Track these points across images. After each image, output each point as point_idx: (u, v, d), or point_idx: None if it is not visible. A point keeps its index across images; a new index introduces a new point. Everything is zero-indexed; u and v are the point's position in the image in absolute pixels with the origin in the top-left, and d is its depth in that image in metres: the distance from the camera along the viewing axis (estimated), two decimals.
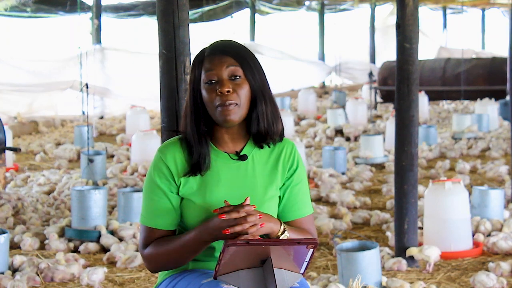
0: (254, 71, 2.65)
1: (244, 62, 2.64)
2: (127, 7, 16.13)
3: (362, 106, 14.02)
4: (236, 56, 2.63)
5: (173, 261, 2.66)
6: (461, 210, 5.80)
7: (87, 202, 6.24)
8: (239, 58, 2.63)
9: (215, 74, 2.61)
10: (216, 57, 2.63)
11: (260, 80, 2.66)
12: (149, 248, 2.68)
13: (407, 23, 5.34)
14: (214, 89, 2.61)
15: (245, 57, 2.64)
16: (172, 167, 2.67)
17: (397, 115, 5.47)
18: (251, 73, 2.64)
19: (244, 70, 2.63)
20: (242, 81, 2.62)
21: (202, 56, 2.67)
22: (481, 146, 10.94)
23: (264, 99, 2.65)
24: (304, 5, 21.48)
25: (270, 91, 2.69)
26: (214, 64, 2.62)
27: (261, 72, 2.68)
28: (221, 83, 2.60)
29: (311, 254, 2.49)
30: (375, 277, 4.86)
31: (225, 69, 2.61)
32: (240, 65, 2.63)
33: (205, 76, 2.63)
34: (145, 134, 9.69)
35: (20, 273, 5.22)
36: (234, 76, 2.62)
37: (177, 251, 2.63)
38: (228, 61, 2.62)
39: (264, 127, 2.66)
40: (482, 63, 16.10)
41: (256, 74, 2.65)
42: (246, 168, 2.70)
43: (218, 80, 2.61)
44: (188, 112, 2.68)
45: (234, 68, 2.62)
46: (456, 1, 24.11)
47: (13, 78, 13.08)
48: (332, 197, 7.69)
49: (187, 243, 2.61)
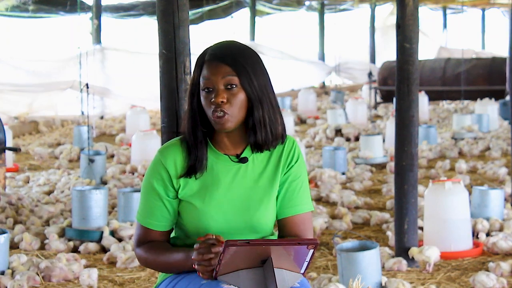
0: (252, 78, 2.62)
1: (241, 70, 2.61)
2: (127, 7, 16.13)
3: (362, 106, 14.02)
4: (234, 64, 2.61)
5: (161, 269, 2.72)
6: (461, 210, 5.80)
7: (87, 202, 6.24)
8: (237, 66, 2.61)
9: (211, 82, 2.61)
10: (214, 64, 2.62)
11: (258, 86, 2.63)
12: (141, 250, 2.71)
13: (407, 23, 5.34)
14: (209, 97, 2.62)
15: (243, 64, 2.62)
16: (172, 170, 2.67)
17: (397, 115, 5.47)
18: (248, 81, 2.62)
19: (241, 78, 2.61)
20: (238, 90, 2.61)
21: (203, 60, 2.66)
22: (481, 146, 10.94)
23: (261, 106, 2.63)
24: (304, 5, 21.49)
25: (270, 94, 2.67)
26: (212, 73, 2.62)
27: (261, 76, 2.65)
28: (216, 93, 2.60)
29: (311, 254, 2.48)
30: (375, 277, 4.86)
31: (221, 79, 2.61)
32: (236, 74, 2.61)
33: (203, 83, 2.63)
34: (145, 134, 9.69)
35: (20, 273, 5.21)
36: (230, 85, 2.61)
37: (164, 264, 2.68)
38: (225, 70, 2.61)
39: (262, 136, 2.65)
40: (482, 63, 16.11)
41: (254, 81, 2.63)
42: (246, 170, 2.70)
43: (213, 89, 2.61)
44: (187, 114, 2.69)
45: (230, 78, 2.61)
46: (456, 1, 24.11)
47: (13, 78, 13.08)
48: (332, 197, 7.69)
49: (174, 262, 2.65)
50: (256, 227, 2.68)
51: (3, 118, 9.65)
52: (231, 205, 2.64)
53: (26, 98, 13.35)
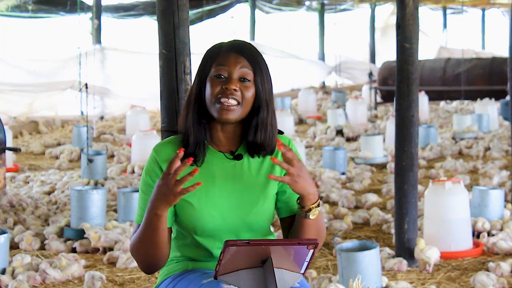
0: (264, 79, 2.64)
1: (257, 67, 2.63)
2: (127, 7, 16.13)
3: (362, 106, 14.02)
4: (252, 59, 2.63)
5: (146, 249, 2.59)
6: (461, 210, 5.80)
7: (86, 202, 6.24)
8: (254, 63, 2.63)
9: (226, 70, 2.61)
10: (232, 55, 2.62)
11: (267, 89, 2.65)
12: (131, 240, 2.67)
13: (407, 23, 5.35)
14: (220, 83, 2.60)
15: (259, 63, 2.64)
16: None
17: (397, 115, 5.47)
18: (261, 80, 2.63)
19: (256, 75, 2.62)
20: (250, 85, 2.62)
21: (218, 50, 2.65)
22: (481, 146, 10.94)
23: (267, 109, 2.65)
24: (304, 5, 21.48)
25: (273, 104, 2.68)
26: (229, 61, 2.61)
27: (270, 83, 2.67)
28: (230, 80, 2.60)
29: (311, 254, 2.48)
30: (375, 277, 4.86)
31: (238, 69, 2.61)
32: (253, 70, 2.62)
33: (215, 69, 2.62)
34: (145, 134, 9.69)
35: (21, 273, 5.22)
36: (244, 78, 2.61)
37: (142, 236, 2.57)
38: (243, 62, 2.62)
39: (261, 138, 2.65)
40: (482, 63, 16.11)
41: (265, 83, 2.64)
42: (241, 167, 2.69)
43: (228, 77, 2.61)
44: (191, 100, 2.66)
45: (247, 71, 2.61)
46: (456, 1, 24.13)
47: (13, 78, 13.07)
48: (332, 197, 7.69)
49: (144, 224, 2.55)
50: (252, 224, 2.68)
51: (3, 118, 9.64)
52: (227, 202, 2.64)
53: (26, 98, 13.35)
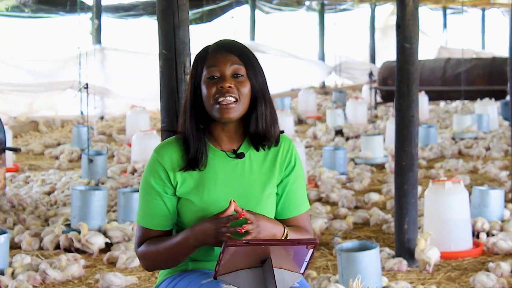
0: (256, 72, 2.66)
1: (248, 61, 2.65)
2: (127, 7, 16.13)
3: (362, 106, 14.01)
4: (241, 55, 2.65)
5: (164, 261, 2.66)
6: (461, 210, 5.80)
7: (86, 202, 6.24)
8: (243, 57, 2.65)
9: (218, 70, 2.62)
10: (221, 54, 2.64)
11: (261, 81, 2.67)
12: (142, 246, 2.69)
13: (407, 23, 5.34)
14: (214, 84, 2.61)
15: (249, 57, 2.66)
16: (168, 168, 2.66)
17: (397, 115, 5.47)
18: (253, 73, 2.65)
19: (247, 69, 2.64)
20: (244, 80, 2.64)
21: (206, 53, 2.67)
22: (481, 146, 10.93)
23: (264, 101, 2.67)
24: (304, 5, 21.48)
25: (269, 95, 2.71)
26: (218, 61, 2.63)
27: (262, 74, 2.69)
28: (223, 79, 2.61)
29: (311, 254, 2.49)
30: (375, 277, 4.86)
31: (229, 67, 2.63)
32: (244, 64, 2.64)
33: (208, 71, 2.63)
34: (145, 134, 9.69)
35: (20, 273, 5.21)
36: (237, 74, 2.63)
37: (166, 253, 2.63)
38: (232, 59, 2.64)
39: (263, 128, 2.67)
40: (482, 63, 16.10)
41: (258, 75, 2.67)
42: (243, 166, 2.70)
43: (221, 76, 2.62)
44: (187, 107, 2.68)
45: (238, 67, 2.63)
46: (456, 1, 24.12)
47: (13, 78, 13.08)
48: (332, 197, 7.69)
49: (175, 246, 2.61)
50: None
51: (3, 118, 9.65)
52: (229, 200, 2.64)
53: (26, 98, 13.35)
